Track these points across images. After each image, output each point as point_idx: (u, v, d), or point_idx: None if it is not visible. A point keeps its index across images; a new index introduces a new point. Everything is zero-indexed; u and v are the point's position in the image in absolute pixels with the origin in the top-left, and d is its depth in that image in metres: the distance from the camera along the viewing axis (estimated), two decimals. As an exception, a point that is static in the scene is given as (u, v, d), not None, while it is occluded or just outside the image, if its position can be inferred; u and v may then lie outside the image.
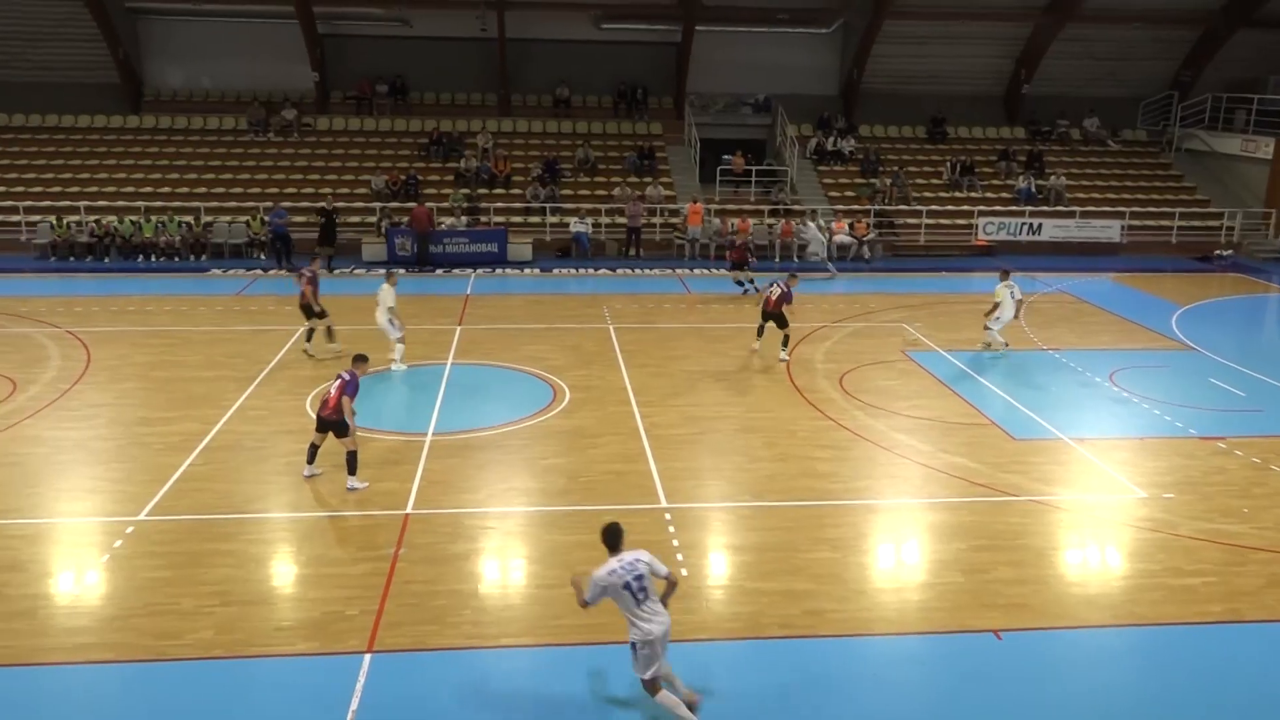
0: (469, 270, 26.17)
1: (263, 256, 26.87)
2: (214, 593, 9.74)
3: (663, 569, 7.88)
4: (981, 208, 30.72)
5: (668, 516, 11.58)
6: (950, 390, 16.45)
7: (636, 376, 16.92)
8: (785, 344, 18.11)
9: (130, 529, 11.06)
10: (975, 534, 11.27)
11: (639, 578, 7.68)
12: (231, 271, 25.58)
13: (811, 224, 28.19)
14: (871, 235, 29.07)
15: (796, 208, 30.17)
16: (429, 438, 13.90)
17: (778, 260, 28.27)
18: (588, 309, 21.94)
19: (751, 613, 9.57)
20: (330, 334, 17.85)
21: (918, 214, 30.32)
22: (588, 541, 10.86)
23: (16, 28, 30.68)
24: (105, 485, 12.30)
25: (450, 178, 30.40)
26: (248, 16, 31.72)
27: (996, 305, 18.60)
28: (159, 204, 28.23)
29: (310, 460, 12.48)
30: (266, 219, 26.67)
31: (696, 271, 26.60)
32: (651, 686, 7.79)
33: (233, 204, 28.53)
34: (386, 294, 17.08)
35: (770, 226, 29.09)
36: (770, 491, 12.38)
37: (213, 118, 32.15)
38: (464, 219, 27.90)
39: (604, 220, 29.21)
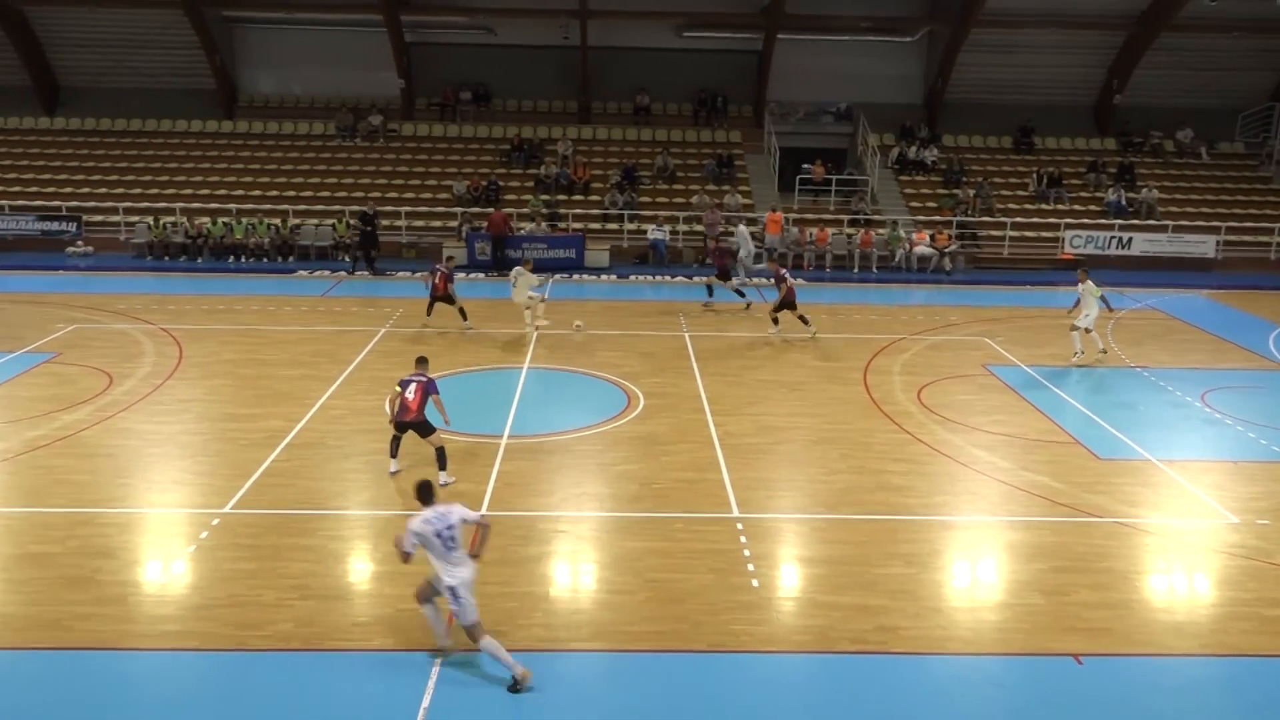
0: (547, 275, 26.38)
1: (347, 259, 27.47)
2: (294, 586, 9.98)
3: (474, 515, 8.68)
4: (1069, 220, 29.98)
5: (740, 526, 11.52)
6: (1032, 406, 16.08)
7: (711, 385, 16.88)
8: (807, 320, 19.86)
9: (216, 521, 11.39)
10: (1056, 555, 10.98)
11: (450, 527, 8.46)
12: (317, 273, 26.21)
13: (742, 227, 26.84)
14: (953, 247, 28.60)
15: (877, 218, 29.83)
16: (504, 440, 14.05)
17: (855, 270, 27.99)
18: (663, 316, 21.96)
19: (822, 626, 9.47)
20: (463, 314, 20.19)
21: (1001, 226, 29.72)
22: (659, 548, 10.90)
23: (120, 35, 31.98)
24: (193, 478, 12.70)
25: (530, 184, 30.75)
26: (338, 25, 32.56)
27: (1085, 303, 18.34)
28: (250, 206, 29.09)
29: (394, 455, 12.75)
30: (356, 222, 27.23)
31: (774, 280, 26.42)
32: (476, 631, 8.46)
33: (319, 207, 29.26)
34: (528, 277, 20.01)
35: (849, 236, 28.79)
36: (844, 504, 12.23)
37: (303, 123, 33.04)
38: (544, 225, 28.16)
39: (681, 228, 29.24)
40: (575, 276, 26.61)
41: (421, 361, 12.99)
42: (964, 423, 15.20)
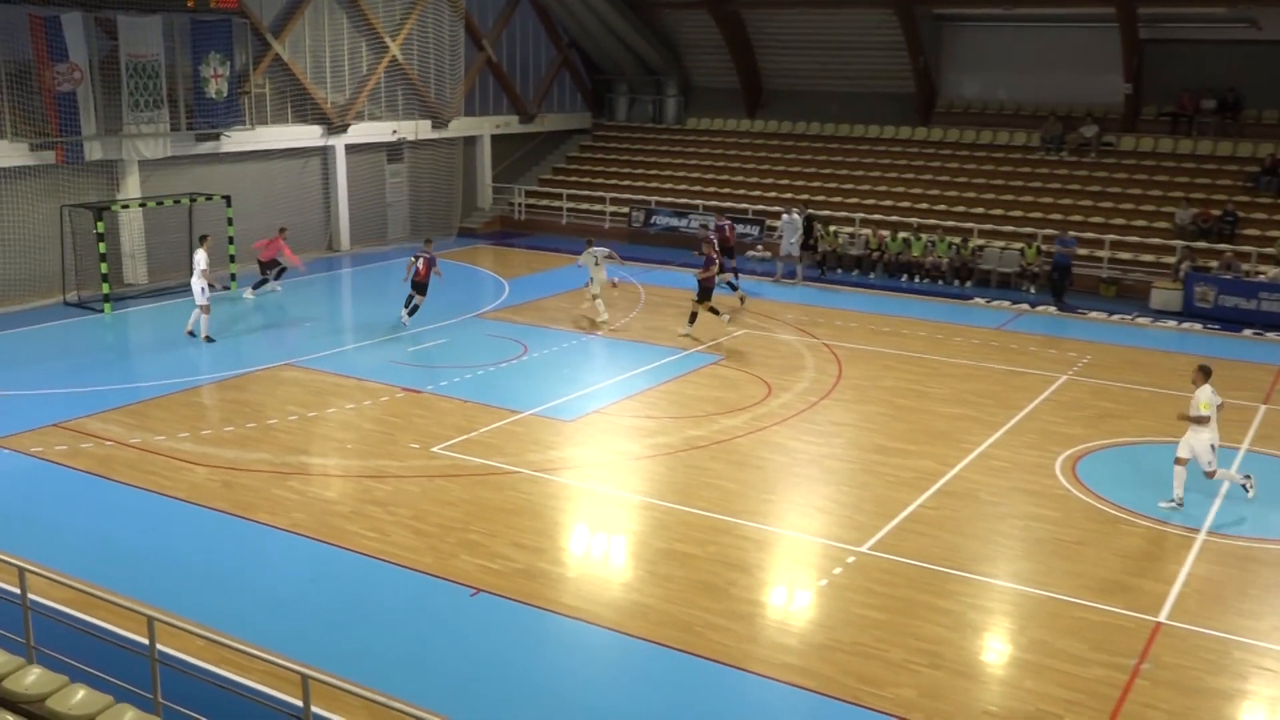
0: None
1: (1032, 290, 27.11)
2: (923, 650, 10.14)
3: None
4: None
5: None
6: None
7: None
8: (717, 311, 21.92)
9: (851, 559, 12.03)
10: None
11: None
12: (995, 303, 26.28)
13: (794, 214, 28.00)
14: None
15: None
16: (1202, 536, 12.79)
17: None
18: None
19: None
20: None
21: None
22: None
23: (826, 38, 35.28)
24: (834, 507, 13.57)
25: (1279, 218, 27.54)
26: (1060, 22, 32.30)
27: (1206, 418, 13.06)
28: (932, 222, 30.18)
29: (407, 307, 21.81)
30: (1049, 247, 26.82)
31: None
32: None
33: (1009, 228, 29.31)
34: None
35: None
36: None
37: (1002, 132, 33.39)
38: (1291, 270, 25.06)
39: None
40: (1329, 341, 23.22)
41: (428, 242, 22.52)
42: None
